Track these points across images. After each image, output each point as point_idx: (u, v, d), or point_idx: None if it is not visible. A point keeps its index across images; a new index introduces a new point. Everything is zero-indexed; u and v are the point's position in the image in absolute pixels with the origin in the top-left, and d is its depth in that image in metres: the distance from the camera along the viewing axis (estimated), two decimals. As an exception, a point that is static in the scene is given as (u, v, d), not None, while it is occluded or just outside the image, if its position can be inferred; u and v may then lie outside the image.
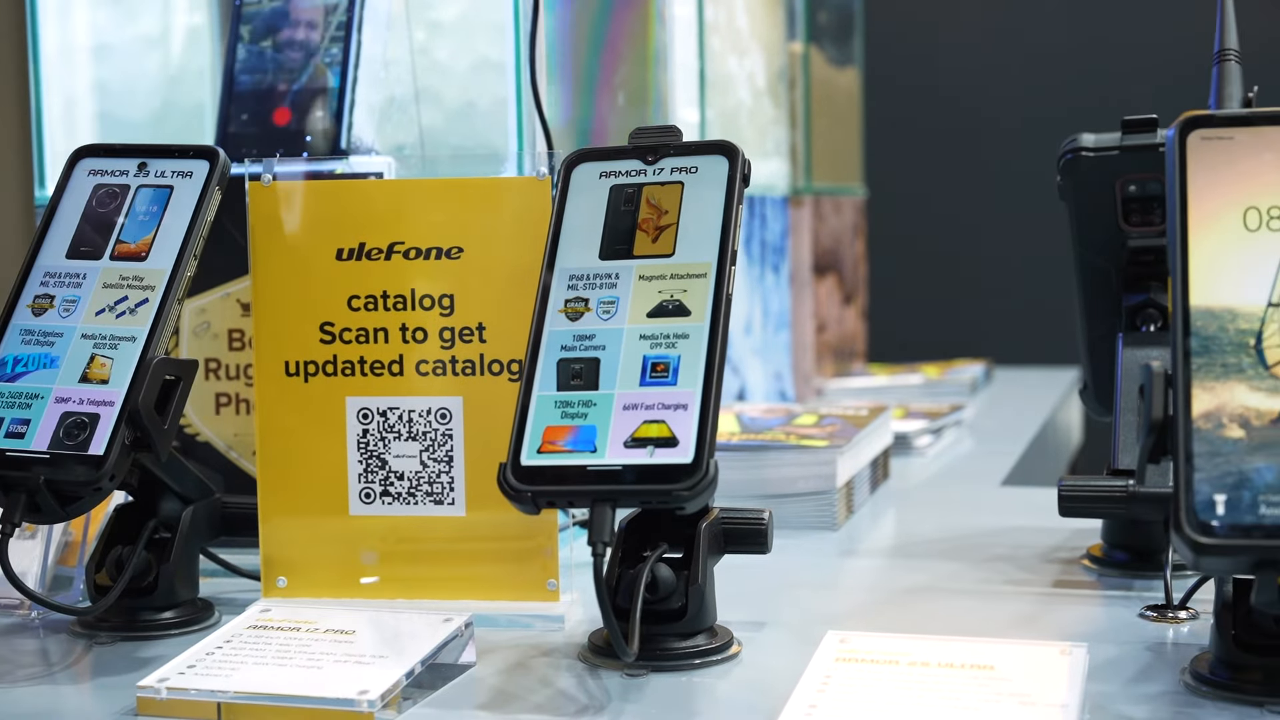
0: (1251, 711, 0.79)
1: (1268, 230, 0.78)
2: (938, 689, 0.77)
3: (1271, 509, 0.71)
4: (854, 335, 2.40)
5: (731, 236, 0.89)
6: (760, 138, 1.98)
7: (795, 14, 2.12)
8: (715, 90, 1.76)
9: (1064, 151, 1.12)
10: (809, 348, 2.09)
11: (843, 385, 2.20)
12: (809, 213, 2.10)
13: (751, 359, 1.90)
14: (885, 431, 1.49)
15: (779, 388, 2.00)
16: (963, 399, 2.12)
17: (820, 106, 2.21)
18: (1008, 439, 1.84)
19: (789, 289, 2.04)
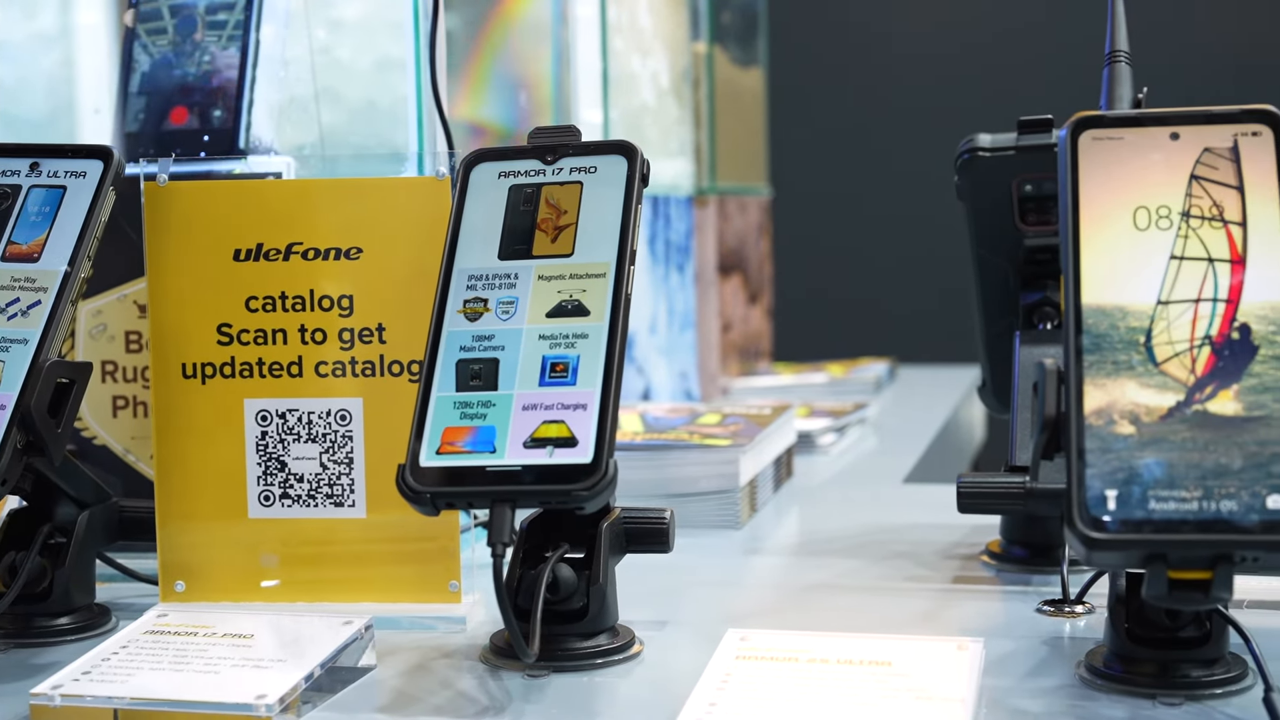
0: (1144, 703, 0.80)
1: (1157, 229, 0.79)
2: (836, 685, 0.77)
3: (1161, 504, 0.73)
4: (759, 334, 2.41)
5: (631, 236, 0.89)
6: (664, 138, 1.98)
7: (699, 14, 2.12)
8: (618, 90, 1.76)
9: (961, 152, 1.13)
10: (714, 347, 2.10)
11: (748, 384, 2.21)
12: (714, 212, 2.11)
13: (657, 358, 1.90)
14: (788, 430, 1.50)
15: (684, 387, 2.00)
16: (867, 397, 2.13)
17: (724, 106, 2.21)
18: (910, 437, 1.85)
19: (694, 288, 2.04)
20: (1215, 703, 0.79)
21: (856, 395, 2.14)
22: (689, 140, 2.08)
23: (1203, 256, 0.78)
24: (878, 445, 1.82)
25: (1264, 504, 0.72)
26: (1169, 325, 0.77)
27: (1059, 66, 2.33)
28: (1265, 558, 0.72)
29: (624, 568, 0.93)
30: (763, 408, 1.51)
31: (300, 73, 1.27)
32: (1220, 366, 0.75)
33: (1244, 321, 0.76)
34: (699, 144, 2.11)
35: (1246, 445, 0.73)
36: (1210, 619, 0.81)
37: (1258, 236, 0.78)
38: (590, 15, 1.66)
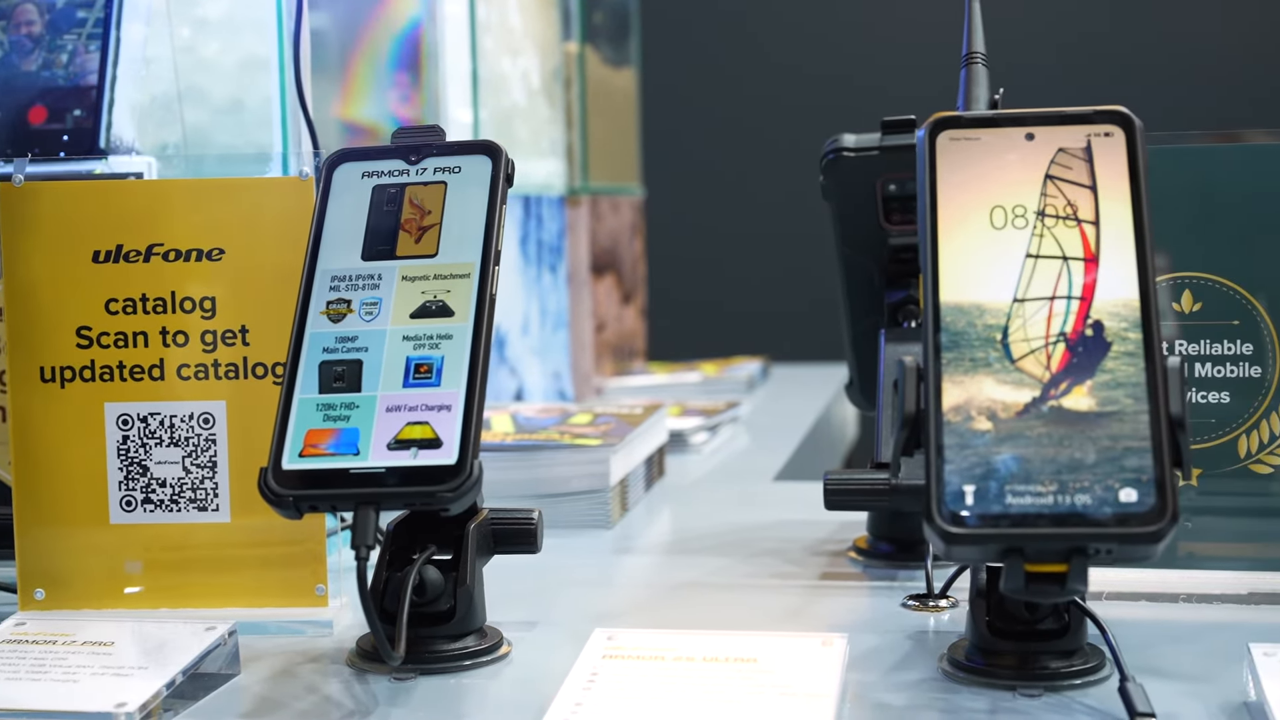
0: (1004, 695, 0.81)
1: (1013, 228, 0.80)
2: (702, 683, 0.78)
3: (1017, 498, 0.74)
4: (633, 334, 2.41)
5: (495, 236, 0.89)
6: (535, 138, 1.98)
7: (570, 14, 2.12)
8: (488, 90, 1.76)
9: (826, 152, 1.14)
10: (588, 347, 2.10)
11: (622, 384, 2.21)
12: (586, 212, 2.11)
13: (530, 359, 1.90)
14: (660, 429, 1.51)
15: (558, 387, 2.00)
16: (739, 396, 2.14)
17: (597, 106, 2.21)
18: (782, 435, 1.86)
19: (567, 288, 2.04)
20: (1074, 693, 0.81)
21: (729, 394, 2.16)
22: (561, 140, 2.08)
23: (1057, 255, 0.79)
24: (750, 443, 1.83)
25: (1116, 497, 0.73)
26: (1025, 323, 0.78)
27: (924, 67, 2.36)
28: (1118, 550, 0.73)
29: (493, 568, 0.93)
30: (635, 407, 1.52)
31: (163, 71, 1.25)
32: (1074, 363, 0.77)
33: (1097, 319, 0.78)
34: (571, 144, 2.11)
35: (1100, 440, 0.75)
36: (1068, 611, 0.83)
37: (1110, 235, 0.79)
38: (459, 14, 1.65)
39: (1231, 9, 3.50)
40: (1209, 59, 3.50)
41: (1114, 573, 1.00)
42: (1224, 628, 0.93)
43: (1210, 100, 3.43)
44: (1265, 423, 0.99)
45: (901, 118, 1.11)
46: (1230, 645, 0.86)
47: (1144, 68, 3.50)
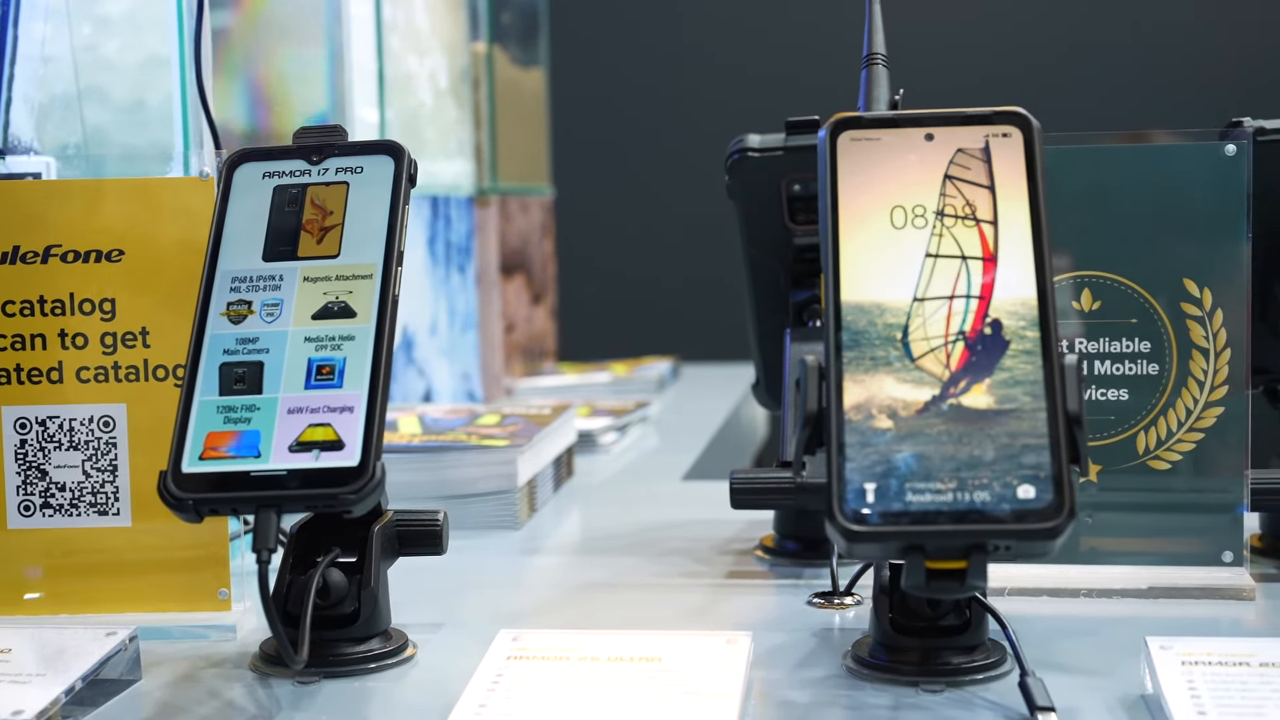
0: (908, 691, 0.82)
1: (913, 228, 0.81)
2: (606, 683, 0.78)
3: (917, 496, 0.74)
4: (544, 334, 2.41)
5: (398, 237, 0.89)
6: (443, 138, 1.97)
7: (478, 14, 2.11)
8: (395, 90, 1.75)
9: (731, 152, 1.14)
10: (497, 347, 2.09)
11: (532, 384, 2.21)
12: (495, 213, 2.10)
13: (438, 360, 1.89)
14: (568, 430, 1.50)
15: (467, 388, 2.00)
16: (649, 396, 2.15)
17: (505, 107, 2.21)
18: (691, 434, 1.87)
19: (476, 289, 2.04)
20: (975, 688, 0.82)
21: (639, 394, 2.16)
22: (469, 140, 2.07)
23: (956, 254, 0.80)
24: (659, 443, 1.83)
25: (1015, 494, 0.74)
26: (925, 322, 0.78)
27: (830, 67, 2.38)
28: (1017, 546, 0.74)
29: (399, 571, 0.92)
30: (543, 408, 1.52)
31: (63, 70, 1.24)
32: (973, 361, 0.77)
33: (995, 317, 0.78)
34: (479, 144, 2.10)
35: (998, 437, 0.75)
36: (970, 607, 0.83)
37: (1008, 235, 0.80)
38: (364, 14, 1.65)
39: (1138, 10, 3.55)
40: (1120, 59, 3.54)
41: (1016, 569, 1.01)
42: (1124, 622, 0.95)
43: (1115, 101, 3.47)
44: (1163, 419, 1.01)
45: (806, 118, 1.12)
46: (1130, 639, 0.87)
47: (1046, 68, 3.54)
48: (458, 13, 2.05)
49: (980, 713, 0.78)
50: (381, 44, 1.68)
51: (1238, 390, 1.00)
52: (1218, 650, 0.79)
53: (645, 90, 3.61)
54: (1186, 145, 1.01)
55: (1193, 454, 1.01)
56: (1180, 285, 1.00)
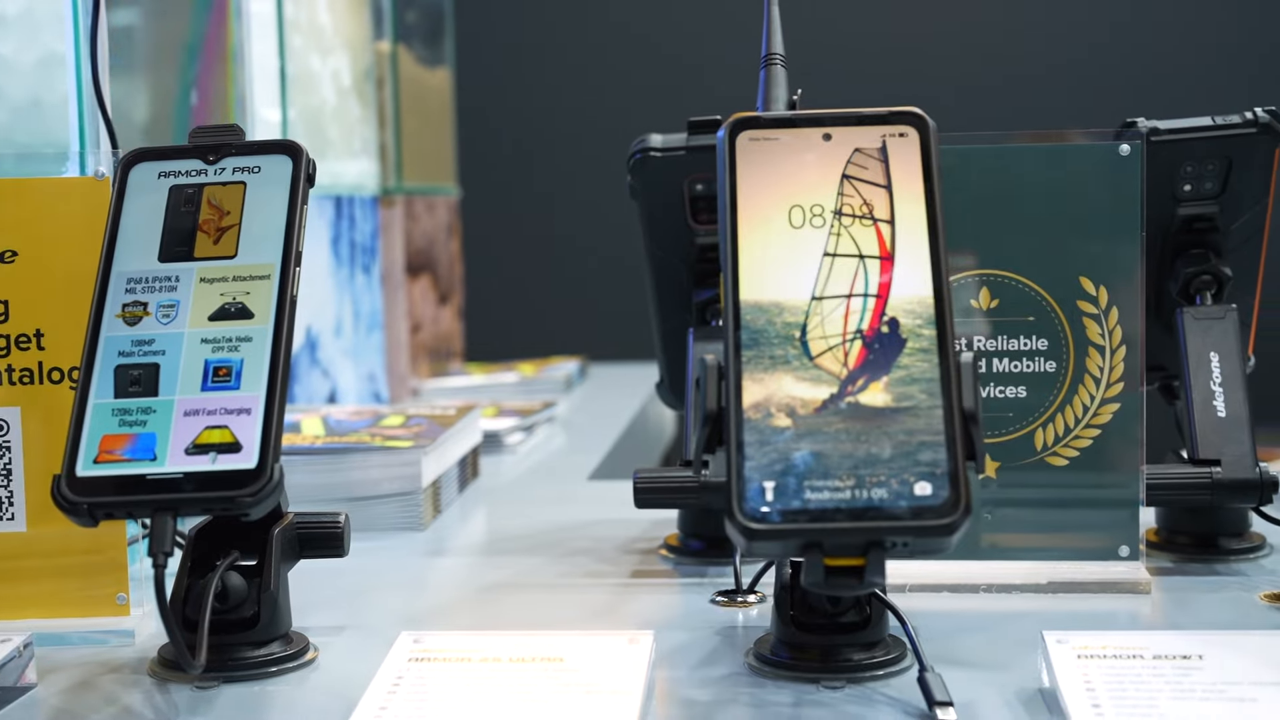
0: (808, 688, 0.82)
1: (811, 227, 0.81)
2: (508, 684, 0.78)
3: (816, 494, 0.75)
4: (450, 335, 2.40)
5: (296, 237, 0.88)
6: (347, 137, 1.96)
7: (382, 13, 2.10)
8: (297, 89, 1.73)
9: (633, 152, 1.14)
10: (403, 348, 2.08)
11: (439, 385, 2.20)
12: (400, 212, 2.09)
13: (343, 361, 1.88)
14: (474, 430, 1.50)
15: (373, 389, 1.99)
16: (556, 396, 2.15)
17: (410, 106, 2.20)
18: (598, 434, 1.87)
19: (381, 289, 2.02)
20: (875, 684, 0.82)
21: (546, 394, 2.16)
22: (373, 140, 2.06)
23: (854, 253, 0.80)
24: (566, 443, 1.83)
25: (912, 491, 0.74)
26: (823, 320, 0.79)
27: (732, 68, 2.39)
28: (914, 543, 0.74)
29: (302, 574, 0.92)
30: (448, 408, 1.51)
31: (-44, 69, 1.22)
32: (871, 359, 0.78)
33: (893, 316, 0.79)
34: (384, 144, 2.09)
35: (895, 435, 0.76)
36: (870, 604, 0.84)
37: (904, 234, 0.81)
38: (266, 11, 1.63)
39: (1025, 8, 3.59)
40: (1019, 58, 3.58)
41: (917, 565, 1.02)
42: (1023, 617, 0.96)
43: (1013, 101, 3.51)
44: (1060, 416, 1.02)
45: (707, 118, 1.12)
46: (1028, 634, 0.88)
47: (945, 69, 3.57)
48: (361, 12, 2.03)
49: (880, 708, 0.79)
50: (284, 42, 1.66)
51: (1133, 387, 1.02)
52: (1113, 644, 0.80)
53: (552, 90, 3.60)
54: (1082, 145, 1.02)
55: (1090, 450, 1.02)
56: (1076, 283, 1.02)
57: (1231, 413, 1.07)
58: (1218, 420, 1.06)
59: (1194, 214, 1.12)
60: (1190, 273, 1.12)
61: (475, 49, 3.30)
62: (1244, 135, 1.10)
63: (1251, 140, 1.10)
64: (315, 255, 1.80)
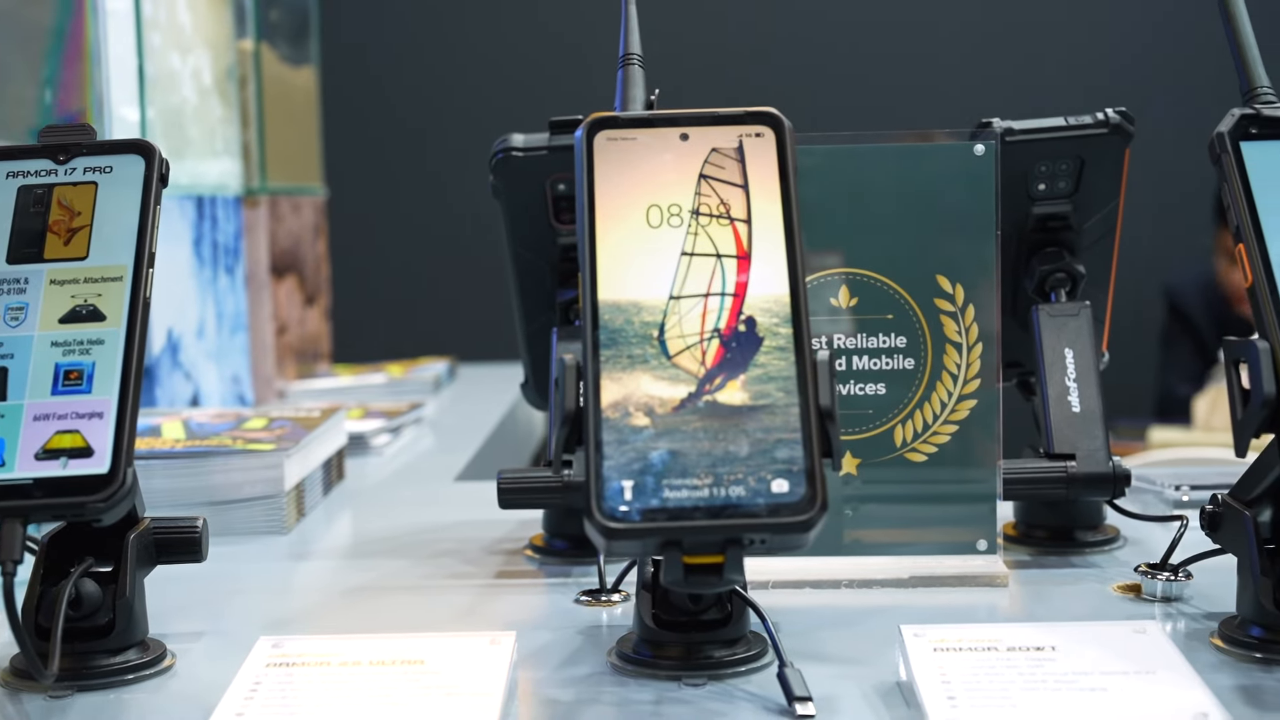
0: (670, 685, 0.82)
1: (668, 227, 0.81)
2: (367, 687, 0.77)
3: (674, 492, 0.75)
4: (317, 336, 2.38)
5: (149, 238, 0.87)
6: (209, 137, 1.93)
7: (245, 11, 2.08)
8: (157, 88, 1.71)
9: (495, 152, 1.14)
10: (269, 350, 2.06)
11: (306, 387, 2.18)
12: (265, 213, 2.07)
13: (205, 363, 1.85)
14: (338, 432, 1.49)
15: (237, 392, 1.96)
16: (424, 397, 2.13)
17: (275, 105, 2.17)
18: (466, 435, 1.86)
19: (245, 291, 2.00)
20: (737, 681, 0.83)
21: (414, 395, 2.14)
22: (236, 139, 2.03)
23: (711, 253, 0.81)
24: (433, 444, 1.82)
25: (769, 488, 0.75)
26: (680, 319, 0.79)
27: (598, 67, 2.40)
28: (772, 539, 0.75)
29: (161, 580, 0.91)
30: (312, 410, 1.50)
31: None
32: (728, 358, 0.78)
33: (750, 314, 0.79)
34: (247, 143, 2.06)
35: (753, 433, 0.76)
36: (731, 601, 0.84)
37: (761, 233, 0.81)
38: (123, 9, 1.60)
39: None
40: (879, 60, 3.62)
41: (780, 561, 1.03)
42: (883, 611, 0.97)
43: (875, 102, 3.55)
44: (919, 412, 1.03)
45: (569, 118, 1.12)
46: (888, 628, 0.89)
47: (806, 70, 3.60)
48: (222, 10, 2.01)
49: (740, 704, 0.80)
50: (142, 40, 1.64)
51: (990, 383, 1.03)
52: (968, 637, 0.82)
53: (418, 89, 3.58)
54: (937, 145, 1.04)
55: (948, 446, 1.03)
56: (934, 281, 1.03)
57: (1086, 408, 1.09)
58: (1072, 415, 1.08)
59: (1048, 213, 1.14)
60: (1045, 270, 1.14)
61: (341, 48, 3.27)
62: (1096, 135, 1.12)
63: (1103, 140, 1.12)
64: (177, 256, 1.78)
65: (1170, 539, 1.02)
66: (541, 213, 1.14)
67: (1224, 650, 0.87)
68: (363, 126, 3.47)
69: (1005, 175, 1.03)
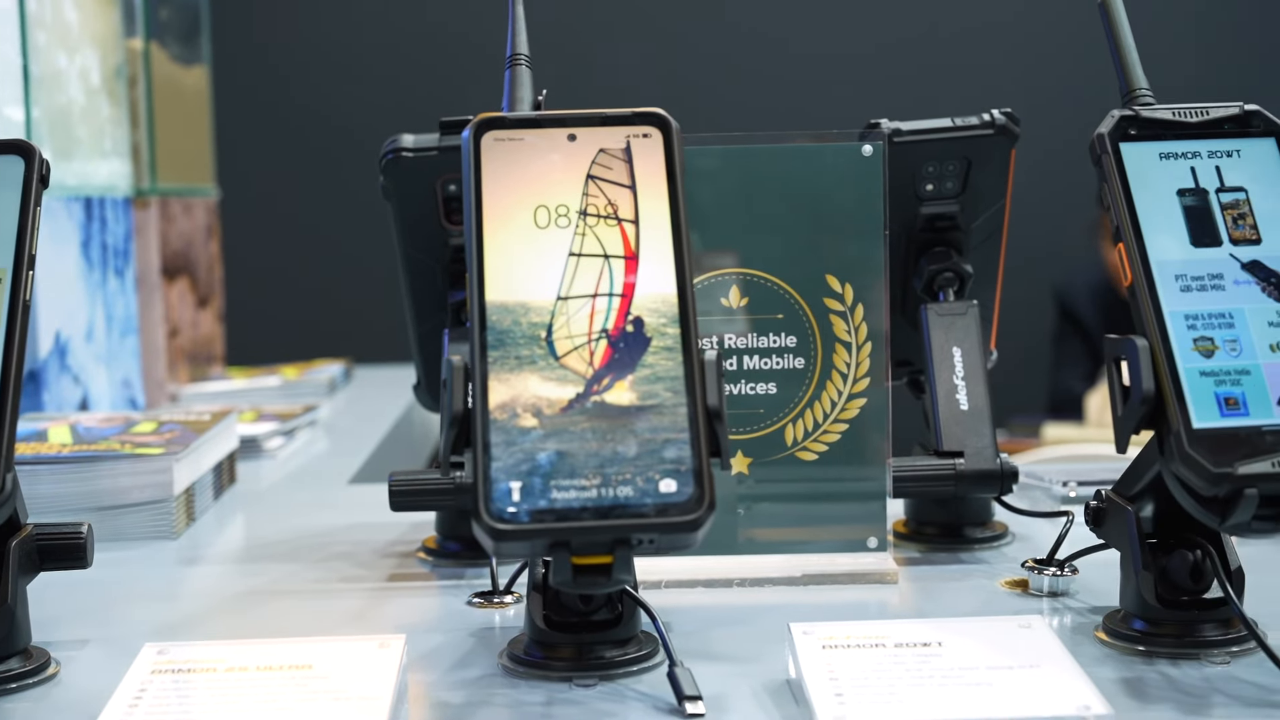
0: (561, 687, 0.82)
1: (556, 227, 0.81)
2: (254, 693, 0.76)
3: (562, 493, 0.75)
4: (211, 339, 2.35)
5: (29, 240, 0.85)
6: (97, 137, 1.90)
7: (134, 10, 2.05)
8: (42, 88, 1.68)
9: (385, 152, 1.13)
10: (160, 353, 2.03)
11: (199, 390, 2.16)
12: (155, 214, 2.04)
13: (95, 367, 1.83)
14: (230, 436, 1.47)
15: (128, 395, 1.93)
16: (320, 399, 2.12)
17: (165, 105, 2.15)
18: (361, 437, 1.85)
19: (135, 293, 1.97)
20: (628, 681, 0.83)
21: (309, 397, 2.13)
22: (125, 140, 2.00)
23: (599, 253, 0.81)
24: (328, 447, 1.81)
25: (657, 488, 0.75)
26: (569, 320, 0.79)
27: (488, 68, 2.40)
28: (660, 539, 0.75)
29: (47, 586, 0.89)
30: (203, 414, 1.48)
31: None
32: (616, 358, 0.79)
33: (638, 315, 0.80)
34: (137, 143, 2.04)
35: (641, 433, 0.77)
36: (622, 601, 0.85)
37: (649, 233, 0.81)
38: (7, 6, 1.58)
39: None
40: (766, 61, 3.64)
41: (673, 561, 1.03)
42: (776, 609, 0.97)
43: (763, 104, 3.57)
44: (810, 411, 1.04)
45: (459, 118, 1.11)
46: (780, 626, 0.89)
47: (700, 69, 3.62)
48: (110, 8, 1.98)
49: (631, 704, 0.80)
50: (26, 39, 1.61)
51: (879, 382, 1.04)
52: (856, 633, 0.82)
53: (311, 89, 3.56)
54: (827, 146, 1.04)
55: (838, 444, 1.04)
56: (823, 281, 1.04)
57: (974, 406, 1.10)
58: (960, 413, 1.09)
59: (936, 213, 1.15)
60: (933, 270, 1.15)
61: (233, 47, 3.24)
62: (982, 136, 1.13)
63: (989, 141, 1.14)
64: (64, 258, 1.75)
65: (1057, 534, 1.04)
66: (432, 213, 1.14)
67: (1108, 643, 0.88)
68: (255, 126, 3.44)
69: (893, 176, 1.04)
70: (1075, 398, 3.42)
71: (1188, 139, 0.87)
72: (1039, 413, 3.53)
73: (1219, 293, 0.84)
